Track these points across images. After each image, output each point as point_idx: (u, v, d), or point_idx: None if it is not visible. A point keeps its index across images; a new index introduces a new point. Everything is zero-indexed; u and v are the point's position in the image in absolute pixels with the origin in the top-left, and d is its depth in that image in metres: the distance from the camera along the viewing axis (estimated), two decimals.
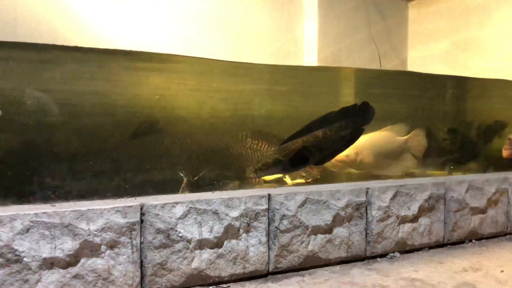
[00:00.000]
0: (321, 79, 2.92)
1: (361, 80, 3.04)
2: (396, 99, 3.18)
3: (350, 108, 2.43)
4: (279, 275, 1.93)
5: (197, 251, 1.75)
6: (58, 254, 1.50)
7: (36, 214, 1.49)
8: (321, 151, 2.29)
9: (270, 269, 1.92)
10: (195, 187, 2.18)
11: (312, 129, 2.31)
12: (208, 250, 1.78)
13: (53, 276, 1.50)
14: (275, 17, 3.57)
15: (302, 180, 2.65)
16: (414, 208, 2.31)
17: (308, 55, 3.67)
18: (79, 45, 2.29)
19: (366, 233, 2.17)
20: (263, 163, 2.16)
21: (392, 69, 3.66)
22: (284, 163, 2.15)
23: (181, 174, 2.18)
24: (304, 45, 3.67)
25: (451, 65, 3.66)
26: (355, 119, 2.38)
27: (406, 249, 2.30)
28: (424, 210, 2.35)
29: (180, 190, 2.16)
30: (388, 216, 2.22)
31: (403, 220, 2.28)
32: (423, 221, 2.35)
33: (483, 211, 2.56)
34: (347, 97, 3.00)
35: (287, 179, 2.64)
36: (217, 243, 1.80)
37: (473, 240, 2.54)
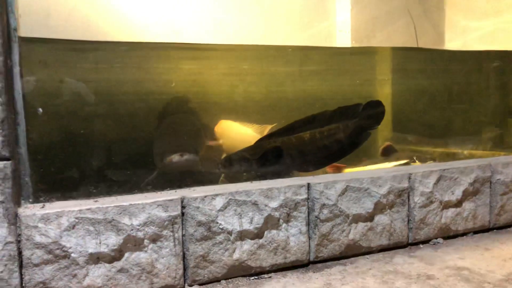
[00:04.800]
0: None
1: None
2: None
3: (351, 108, 2.15)
4: (320, 265, 1.91)
5: (238, 242, 1.75)
6: (103, 249, 1.53)
7: (80, 210, 1.51)
8: (304, 156, 2.05)
9: (311, 259, 1.90)
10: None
11: (299, 129, 2.07)
12: (249, 241, 1.77)
13: (99, 270, 1.53)
14: None
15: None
16: (458, 193, 2.22)
17: (340, 32, 3.54)
18: (110, 34, 2.29)
19: (408, 220, 2.11)
20: (227, 159, 2.01)
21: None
22: (252, 163, 1.99)
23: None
24: (336, 23, 3.53)
25: (494, 41, 3.46)
26: (359, 121, 2.12)
27: (449, 235, 2.23)
28: (468, 194, 2.26)
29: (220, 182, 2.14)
30: (431, 202, 2.15)
31: (446, 205, 2.20)
32: (468, 205, 2.26)
33: None
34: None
35: (417, 162, 2.51)
36: (258, 234, 1.78)
37: None
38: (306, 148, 2.09)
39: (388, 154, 2.73)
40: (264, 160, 2.02)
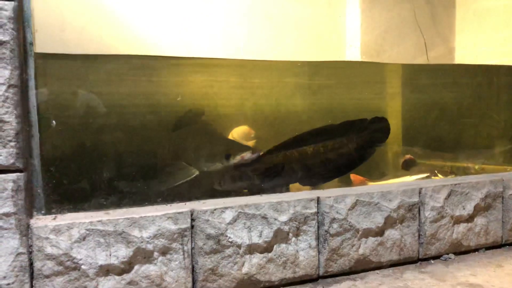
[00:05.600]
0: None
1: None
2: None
3: (356, 123, 2.17)
4: (329, 279, 1.90)
5: (247, 256, 1.74)
6: (113, 261, 1.53)
7: (91, 222, 1.52)
8: (308, 170, 2.06)
9: (320, 273, 1.88)
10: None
11: (302, 143, 2.08)
12: (258, 254, 1.76)
13: (109, 283, 1.53)
14: (316, 6, 3.47)
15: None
16: (469, 208, 2.20)
17: (350, 46, 3.55)
18: (123, 48, 2.33)
19: (419, 235, 2.09)
20: (229, 175, 2.02)
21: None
22: (253, 179, 2.00)
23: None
24: (346, 35, 3.55)
25: (505, 55, 3.45)
26: (364, 136, 2.12)
27: (461, 250, 2.20)
28: (480, 210, 2.23)
29: None
30: (442, 217, 2.13)
31: (457, 220, 2.18)
32: (479, 220, 2.24)
33: None
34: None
35: (439, 176, 2.52)
36: (267, 248, 1.78)
37: None
38: (309, 162, 2.09)
39: (409, 167, 2.73)
40: (267, 175, 2.03)
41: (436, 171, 2.55)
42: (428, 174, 2.50)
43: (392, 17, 3.55)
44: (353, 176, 2.42)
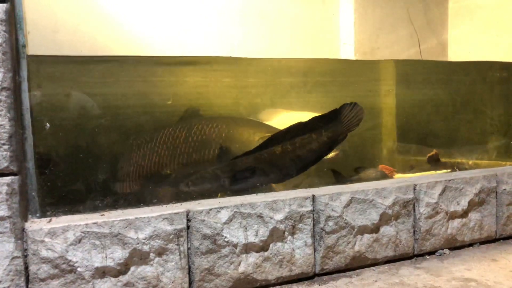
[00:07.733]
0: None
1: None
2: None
3: (327, 116, 2.13)
4: (325, 277, 1.91)
5: (244, 255, 1.75)
6: (109, 263, 1.54)
7: (86, 224, 1.52)
8: (279, 169, 2.06)
9: (317, 271, 1.89)
10: None
11: (273, 143, 2.06)
12: (254, 254, 1.77)
13: (105, 285, 1.53)
14: (310, 4, 3.47)
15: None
16: (463, 203, 2.22)
17: (344, 45, 3.55)
18: (116, 49, 2.33)
19: (414, 231, 2.10)
20: (198, 177, 2.01)
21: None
22: (223, 180, 2.00)
23: None
24: (340, 33, 3.55)
25: (498, 51, 3.46)
26: (333, 127, 2.12)
27: (455, 246, 2.22)
28: (474, 205, 2.25)
29: None
30: (437, 213, 2.14)
31: (452, 216, 2.19)
32: (474, 216, 2.25)
33: None
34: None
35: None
36: (263, 247, 1.79)
37: None
38: (279, 162, 2.09)
39: (433, 162, 2.80)
40: (236, 177, 2.03)
41: (455, 167, 2.60)
42: (450, 170, 2.55)
43: (386, 14, 3.55)
44: (383, 167, 2.57)
